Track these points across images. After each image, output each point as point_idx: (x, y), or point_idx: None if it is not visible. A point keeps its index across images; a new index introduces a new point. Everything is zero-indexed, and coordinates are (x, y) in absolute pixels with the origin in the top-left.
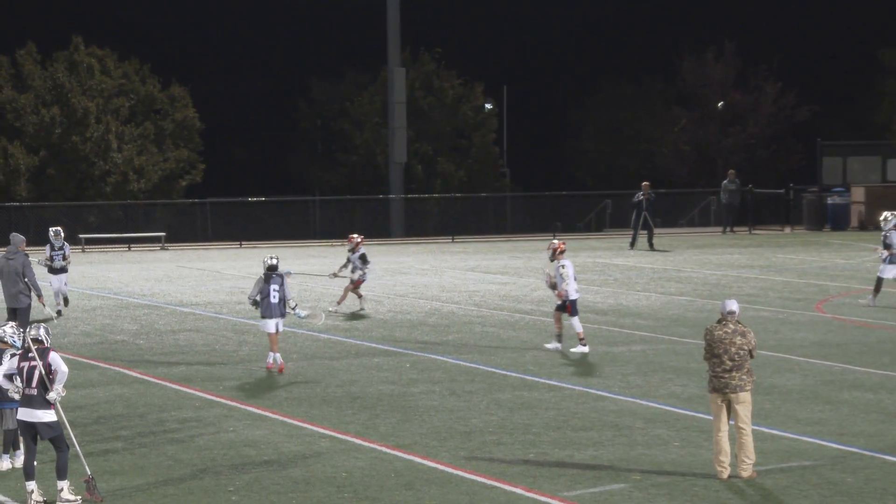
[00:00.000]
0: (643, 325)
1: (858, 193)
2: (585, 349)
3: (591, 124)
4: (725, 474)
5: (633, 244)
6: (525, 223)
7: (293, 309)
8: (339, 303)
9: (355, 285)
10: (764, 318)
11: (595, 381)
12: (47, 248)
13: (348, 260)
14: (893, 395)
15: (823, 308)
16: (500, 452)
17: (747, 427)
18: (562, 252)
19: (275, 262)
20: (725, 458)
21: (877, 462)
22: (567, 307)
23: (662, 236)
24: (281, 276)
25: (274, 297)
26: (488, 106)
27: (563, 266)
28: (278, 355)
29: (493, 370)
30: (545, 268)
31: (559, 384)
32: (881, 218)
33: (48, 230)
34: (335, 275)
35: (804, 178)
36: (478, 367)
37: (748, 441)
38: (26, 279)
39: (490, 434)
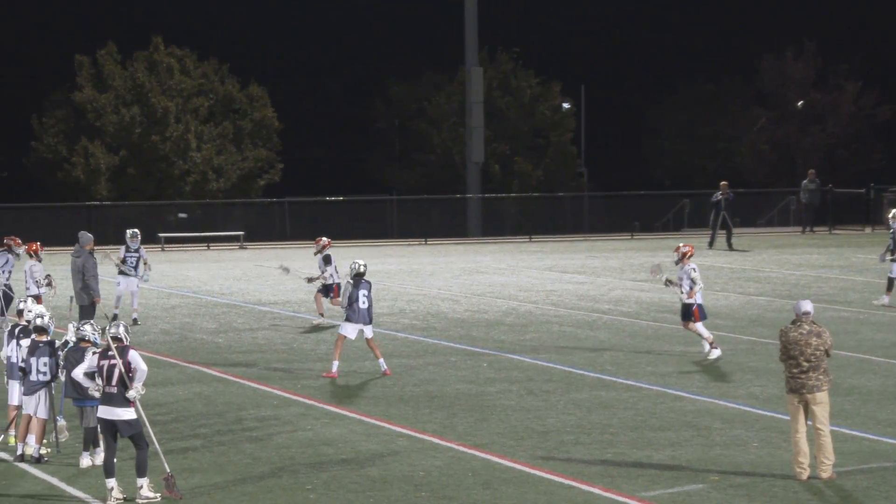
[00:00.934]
0: (722, 325)
1: None
2: (718, 352)
3: (670, 124)
4: (805, 475)
5: (711, 244)
6: (602, 223)
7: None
8: (320, 314)
9: (327, 290)
10: (844, 319)
11: (673, 381)
12: (122, 249)
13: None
14: None
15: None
16: (578, 452)
17: (825, 428)
18: (690, 256)
19: (363, 268)
20: (805, 459)
21: None
22: (695, 312)
23: (741, 236)
24: (369, 282)
25: (364, 303)
26: (566, 105)
27: (693, 269)
28: (382, 360)
29: (571, 370)
30: (660, 270)
31: (637, 384)
32: (889, 215)
33: (125, 232)
34: (311, 280)
35: (885, 178)
36: (555, 366)
37: (827, 442)
38: (85, 278)
39: (567, 434)
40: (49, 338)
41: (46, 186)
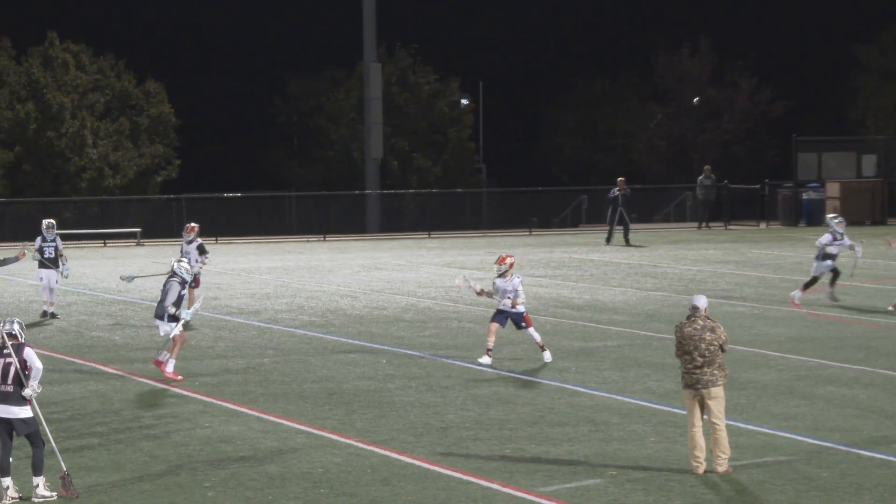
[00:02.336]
0: (619, 320)
1: (833, 189)
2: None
3: (567, 120)
4: (701, 469)
5: (608, 240)
6: (501, 219)
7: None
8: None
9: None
10: (739, 314)
11: (571, 377)
12: (38, 239)
13: (182, 252)
14: (868, 390)
15: (798, 303)
16: (477, 448)
17: (721, 422)
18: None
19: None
20: (701, 454)
21: (852, 457)
22: (527, 318)
23: (638, 232)
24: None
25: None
26: (464, 102)
27: (520, 282)
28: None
29: (470, 366)
30: (466, 280)
31: (535, 380)
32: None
33: (41, 222)
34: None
35: (779, 174)
36: (454, 362)
37: (722, 436)
38: None
39: (466, 429)
40: None
41: None
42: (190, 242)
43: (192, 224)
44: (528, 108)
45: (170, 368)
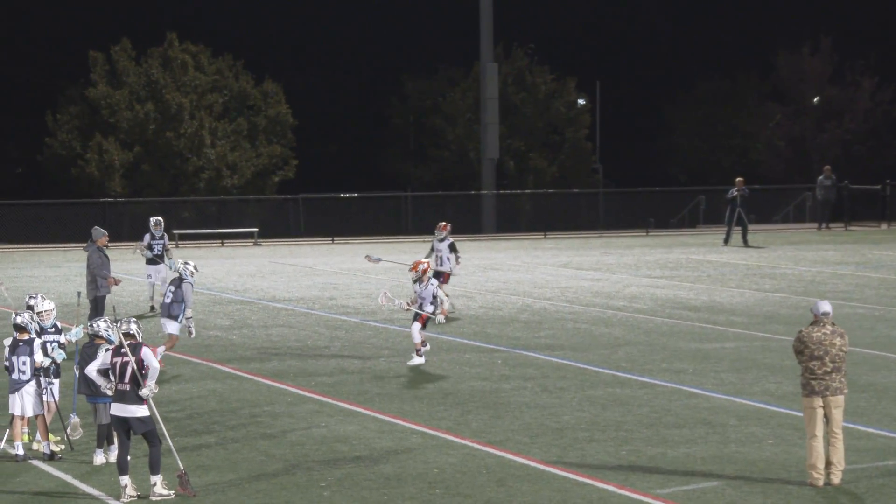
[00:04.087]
0: (737, 321)
1: None
2: (422, 360)
3: (686, 120)
4: (821, 482)
5: (727, 240)
6: (618, 219)
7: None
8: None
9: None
10: (860, 315)
11: (688, 378)
12: (146, 236)
13: (433, 249)
14: None
15: None
16: (592, 449)
17: (841, 432)
18: (427, 272)
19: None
20: (822, 465)
21: None
22: (422, 318)
23: (757, 232)
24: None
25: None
26: (581, 101)
27: (437, 287)
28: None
29: (585, 367)
30: (388, 297)
31: (652, 381)
32: None
33: (149, 220)
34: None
35: None
36: (570, 363)
37: (842, 447)
38: (93, 272)
39: (582, 431)
40: (30, 336)
41: (61, 183)
42: (442, 241)
43: (444, 223)
44: (645, 107)
45: (159, 357)
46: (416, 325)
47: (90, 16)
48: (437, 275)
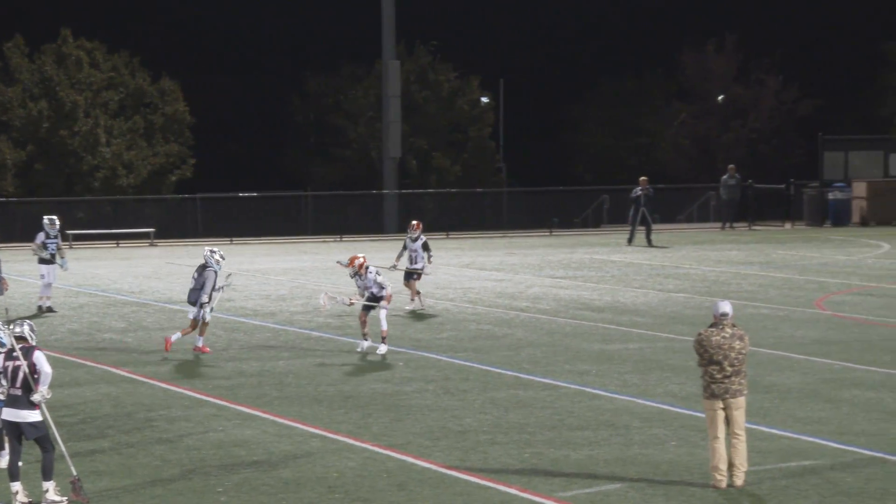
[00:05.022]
0: (640, 322)
1: (860, 189)
2: (367, 343)
3: (590, 119)
4: (724, 484)
5: (630, 240)
6: (522, 219)
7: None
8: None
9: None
10: (763, 316)
11: (591, 380)
12: (40, 235)
13: (407, 248)
14: (894, 394)
15: (824, 305)
16: (495, 452)
17: (744, 433)
18: (365, 266)
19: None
20: (724, 467)
21: (877, 461)
22: (388, 298)
23: (661, 232)
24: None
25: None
26: (485, 100)
27: (377, 273)
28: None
29: (488, 368)
30: (329, 298)
31: (555, 382)
32: None
33: (43, 218)
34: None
35: (805, 174)
36: (472, 365)
37: (744, 448)
38: None
39: (484, 433)
40: None
41: None
42: (415, 240)
43: (417, 221)
44: (549, 106)
45: (199, 343)
46: (383, 312)
47: None
48: (410, 274)
